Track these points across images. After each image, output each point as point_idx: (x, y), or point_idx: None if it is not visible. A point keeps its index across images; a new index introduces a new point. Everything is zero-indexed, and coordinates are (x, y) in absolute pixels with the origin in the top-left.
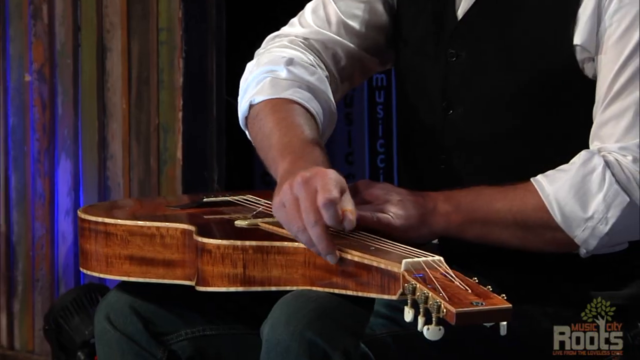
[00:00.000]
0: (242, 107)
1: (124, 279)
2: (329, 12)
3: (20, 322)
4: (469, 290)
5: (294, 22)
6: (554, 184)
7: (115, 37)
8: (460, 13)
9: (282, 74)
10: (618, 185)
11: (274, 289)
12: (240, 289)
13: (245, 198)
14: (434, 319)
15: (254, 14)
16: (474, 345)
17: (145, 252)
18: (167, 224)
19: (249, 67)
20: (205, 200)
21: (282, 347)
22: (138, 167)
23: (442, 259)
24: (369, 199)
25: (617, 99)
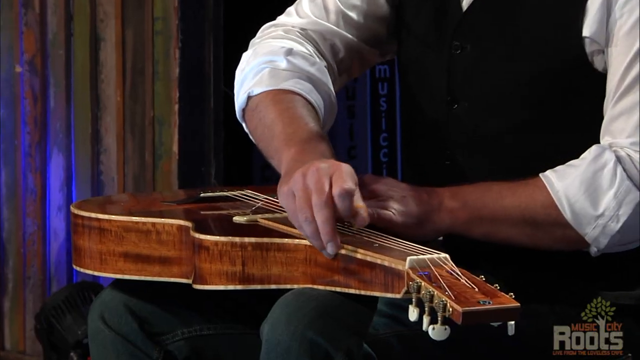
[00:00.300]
0: (239, 98)
1: (119, 277)
2: (328, 1)
3: (11, 321)
4: (476, 289)
5: (291, 11)
6: (564, 180)
7: (109, 26)
8: (465, 4)
9: (281, 65)
10: (630, 182)
11: (274, 287)
12: (239, 287)
13: (244, 193)
14: (440, 319)
15: (253, 2)
16: (481, 346)
17: (141, 249)
18: (163, 220)
19: (245, 57)
20: (203, 196)
21: (282, 347)
22: (133, 161)
23: (447, 257)
24: (372, 195)
25: (628, 93)
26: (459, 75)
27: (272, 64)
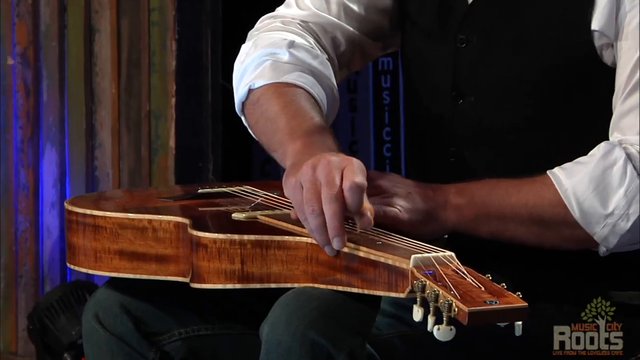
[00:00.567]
0: (239, 91)
1: (114, 275)
2: None
3: (3, 321)
4: (482, 288)
5: (291, 2)
6: (572, 178)
7: (104, 17)
8: None
9: (283, 57)
10: None
11: (274, 286)
12: (238, 286)
13: (243, 189)
14: (445, 319)
15: None
16: (488, 347)
17: (137, 246)
18: (159, 217)
19: (245, 49)
20: (200, 192)
21: (282, 348)
22: (128, 156)
23: (453, 255)
24: (376, 191)
25: (638, 88)
26: (465, 69)
27: (274, 57)
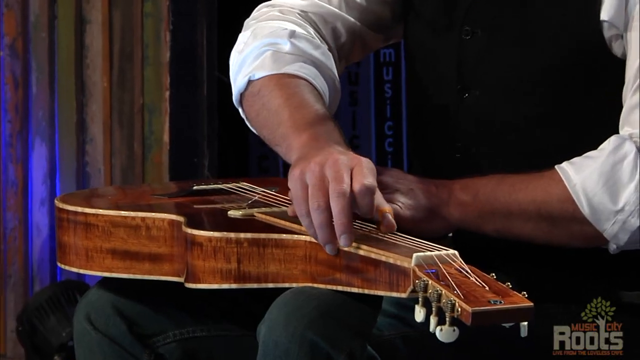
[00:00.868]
0: (238, 82)
1: (106, 275)
2: None
3: None
4: (487, 288)
5: None
6: (581, 173)
7: (95, 7)
8: None
9: (285, 48)
10: None
11: (272, 286)
12: (234, 286)
13: (240, 186)
14: (448, 319)
15: None
16: (492, 347)
17: (129, 245)
18: (153, 214)
19: (242, 38)
20: (196, 189)
21: (280, 349)
22: (120, 152)
23: (456, 253)
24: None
25: None
26: (470, 62)
27: (274, 47)
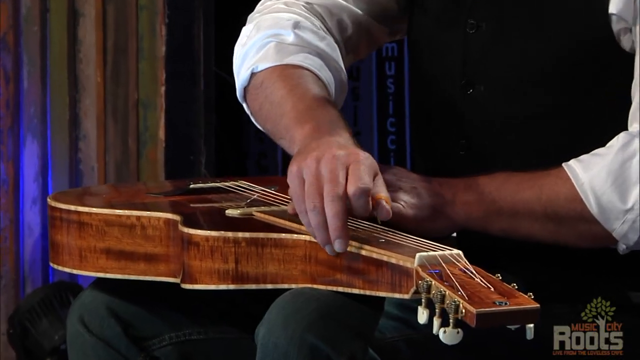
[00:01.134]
0: (241, 75)
1: (100, 276)
2: None
3: None
4: (492, 288)
5: None
6: (589, 171)
7: (89, 0)
8: None
9: (288, 39)
10: None
11: (270, 287)
12: (232, 287)
13: (238, 184)
14: (452, 321)
15: None
16: (494, 348)
17: (124, 244)
18: (148, 213)
19: (246, 31)
20: (192, 187)
21: (279, 352)
22: (114, 148)
23: (461, 253)
24: None
25: None
26: (475, 57)
27: (278, 38)
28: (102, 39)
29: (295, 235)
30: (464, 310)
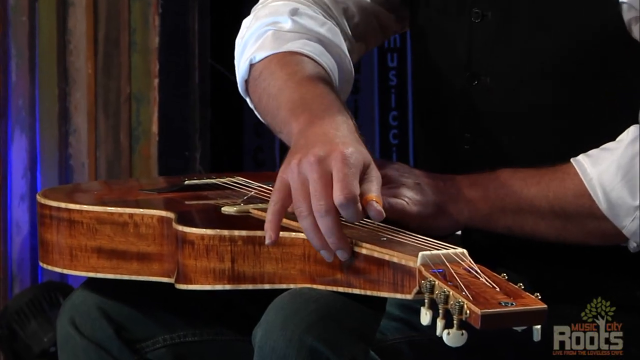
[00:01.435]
0: (240, 68)
1: (92, 276)
2: None
3: None
4: (497, 289)
5: None
6: (598, 166)
7: None
8: None
9: (286, 26)
10: None
11: (268, 287)
12: (228, 287)
13: (234, 180)
14: (456, 322)
15: None
16: (504, 351)
17: (116, 243)
18: (141, 211)
19: (246, 23)
20: (187, 183)
21: (277, 355)
22: (106, 144)
23: (465, 252)
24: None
25: None
26: (480, 47)
27: (275, 26)
28: (93, 30)
29: (294, 234)
30: (469, 311)
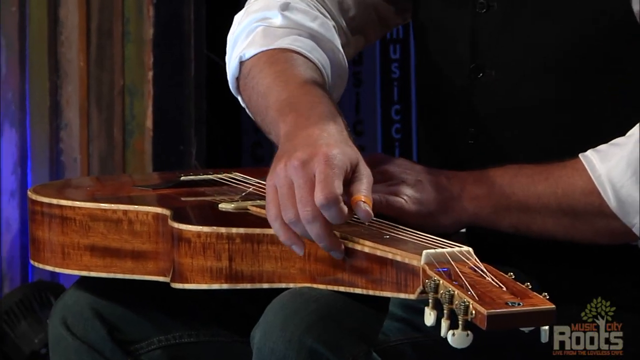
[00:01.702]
0: (231, 65)
1: (84, 274)
2: None
3: None
4: (504, 288)
5: None
6: (607, 162)
7: None
8: None
9: (276, 21)
10: None
11: (267, 287)
12: (226, 287)
13: (232, 176)
14: (461, 323)
15: None
16: (512, 352)
17: (110, 241)
18: (136, 207)
19: (237, 19)
20: (183, 179)
21: (277, 356)
22: (99, 138)
23: (471, 250)
24: (382, 177)
25: None
26: (485, 39)
27: (265, 22)
28: (85, 20)
29: None
30: (474, 312)
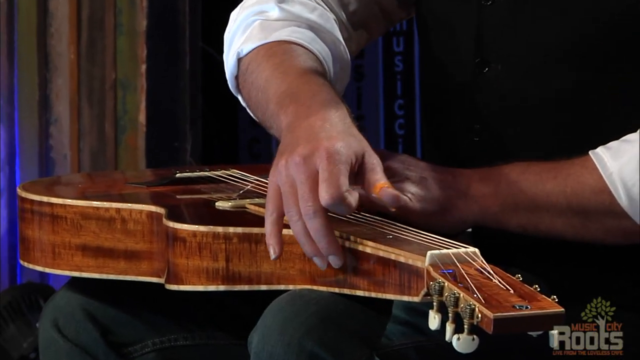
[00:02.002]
0: (229, 62)
1: (76, 275)
2: None
3: None
4: (511, 291)
5: None
6: (619, 159)
7: None
8: None
9: (273, 14)
10: None
11: (265, 288)
12: (222, 288)
13: (229, 173)
14: (467, 326)
15: None
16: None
17: (102, 240)
18: (129, 205)
19: (233, 15)
20: (179, 176)
21: None
22: (90, 134)
23: (477, 251)
24: (385, 174)
25: None
26: (490, 33)
27: (262, 15)
28: (76, 11)
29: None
30: (480, 315)
